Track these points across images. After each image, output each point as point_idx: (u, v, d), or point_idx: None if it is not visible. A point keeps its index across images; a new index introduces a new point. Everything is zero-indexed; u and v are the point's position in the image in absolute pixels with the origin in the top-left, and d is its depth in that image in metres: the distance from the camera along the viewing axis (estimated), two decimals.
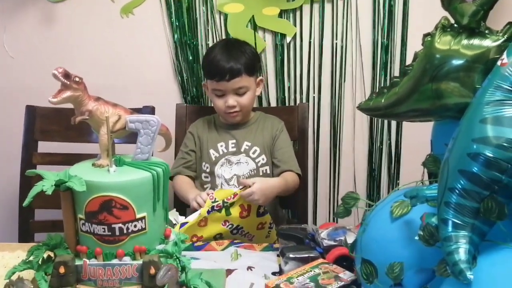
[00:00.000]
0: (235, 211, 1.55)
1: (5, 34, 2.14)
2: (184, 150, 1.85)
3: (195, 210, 1.54)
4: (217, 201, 1.52)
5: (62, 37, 2.14)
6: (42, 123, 1.92)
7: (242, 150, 1.80)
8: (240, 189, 1.56)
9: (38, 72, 2.09)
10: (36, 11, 2.12)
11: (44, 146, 1.94)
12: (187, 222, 1.48)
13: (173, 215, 1.54)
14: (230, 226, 1.56)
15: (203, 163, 1.82)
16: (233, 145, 1.81)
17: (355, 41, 2.10)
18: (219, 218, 1.53)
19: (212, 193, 1.54)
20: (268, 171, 1.81)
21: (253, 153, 1.80)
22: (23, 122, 1.91)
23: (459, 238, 0.81)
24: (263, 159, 1.80)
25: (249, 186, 1.55)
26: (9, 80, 2.18)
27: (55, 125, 1.90)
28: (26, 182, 1.82)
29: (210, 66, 1.77)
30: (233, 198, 1.54)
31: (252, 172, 1.78)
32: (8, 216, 2.08)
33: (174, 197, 1.92)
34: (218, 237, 1.55)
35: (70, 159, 1.79)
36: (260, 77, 1.86)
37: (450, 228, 0.82)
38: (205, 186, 1.81)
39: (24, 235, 1.89)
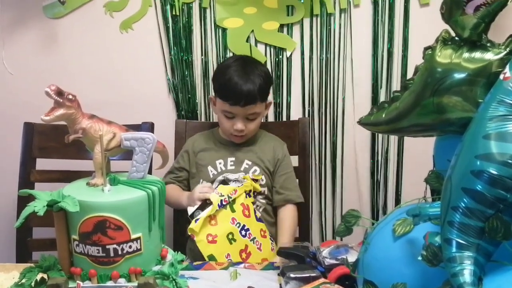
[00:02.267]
0: (238, 208, 1.61)
1: (4, 51, 2.13)
2: (176, 165, 1.83)
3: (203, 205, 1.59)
4: (223, 195, 1.58)
5: (61, 53, 2.13)
6: (40, 140, 1.90)
7: (242, 169, 1.76)
8: (239, 186, 1.64)
9: (37, 89, 2.04)
10: (35, 27, 2.11)
11: (42, 163, 1.92)
12: (199, 219, 1.53)
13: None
14: (238, 224, 1.59)
15: (200, 180, 1.77)
16: (232, 162, 1.77)
17: (355, 55, 2.08)
18: (226, 216, 1.58)
19: (216, 189, 1.62)
20: (266, 192, 1.77)
21: (253, 172, 1.76)
22: (21, 139, 1.89)
23: (464, 259, 0.78)
24: (262, 180, 1.76)
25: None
26: (7, 96, 2.16)
27: (53, 142, 1.88)
28: (24, 200, 1.78)
29: (225, 87, 1.70)
30: (235, 193, 1.61)
31: (250, 192, 1.74)
32: (5, 235, 2.06)
33: (173, 215, 1.90)
34: (231, 237, 1.56)
35: (69, 176, 1.77)
36: (270, 100, 1.83)
37: (454, 249, 0.79)
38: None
39: (22, 254, 1.86)
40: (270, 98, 1.90)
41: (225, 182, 1.70)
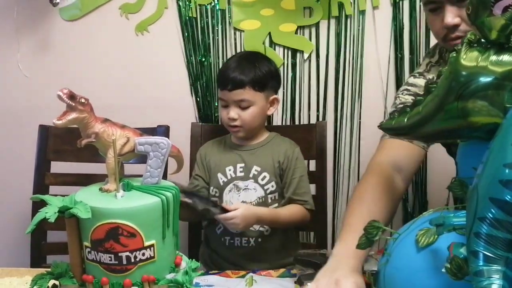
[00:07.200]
0: None
1: (19, 53, 2.13)
2: (193, 174, 1.80)
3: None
4: None
5: (76, 55, 2.13)
6: (55, 143, 1.89)
7: (251, 175, 1.72)
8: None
9: (52, 91, 2.03)
10: (50, 29, 2.11)
11: (57, 166, 1.91)
12: None
13: None
14: None
15: (211, 188, 1.75)
16: (241, 169, 1.73)
17: (375, 57, 2.04)
18: None
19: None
20: (277, 198, 1.73)
21: (262, 179, 1.71)
22: (36, 141, 1.88)
23: (492, 273, 0.74)
24: (272, 186, 1.72)
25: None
26: (23, 99, 2.16)
27: (68, 145, 1.86)
28: (38, 203, 1.77)
29: (219, 74, 1.76)
30: None
31: (260, 200, 1.70)
32: (20, 238, 2.05)
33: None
34: None
35: (83, 180, 1.76)
36: (275, 96, 1.76)
37: (481, 262, 0.75)
38: None
39: (37, 258, 1.85)
40: (278, 96, 1.84)
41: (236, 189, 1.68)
